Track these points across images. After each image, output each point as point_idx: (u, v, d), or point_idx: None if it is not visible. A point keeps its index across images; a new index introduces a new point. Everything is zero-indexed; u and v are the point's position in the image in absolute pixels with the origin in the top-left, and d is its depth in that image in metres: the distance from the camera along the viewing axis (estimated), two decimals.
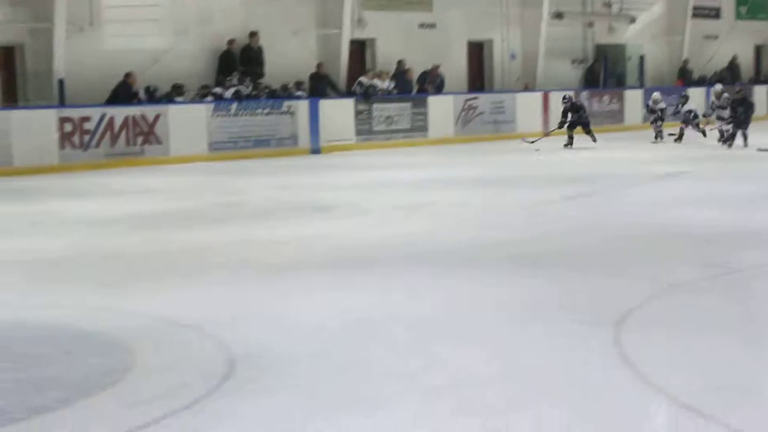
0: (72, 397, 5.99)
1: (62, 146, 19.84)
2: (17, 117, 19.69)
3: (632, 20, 32.37)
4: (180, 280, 9.46)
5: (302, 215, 13.57)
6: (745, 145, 22.39)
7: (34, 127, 19.54)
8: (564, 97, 25.00)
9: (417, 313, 8.03)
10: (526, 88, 29.04)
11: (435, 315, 7.94)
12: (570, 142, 24.17)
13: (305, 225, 12.68)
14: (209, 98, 22.34)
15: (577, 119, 24.46)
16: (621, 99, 30.30)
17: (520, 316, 7.86)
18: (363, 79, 25.01)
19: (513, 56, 29.35)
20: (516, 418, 5.55)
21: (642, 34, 32.98)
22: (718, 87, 24.68)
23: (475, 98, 26.96)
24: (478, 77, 29.33)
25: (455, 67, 27.99)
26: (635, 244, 10.96)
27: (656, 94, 25.88)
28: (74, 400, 5.94)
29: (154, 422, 5.55)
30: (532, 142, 24.08)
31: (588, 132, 24.42)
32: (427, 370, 6.46)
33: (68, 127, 19.94)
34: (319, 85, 24.39)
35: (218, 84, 22.86)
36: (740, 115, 22.60)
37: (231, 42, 23.26)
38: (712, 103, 24.47)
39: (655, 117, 25.70)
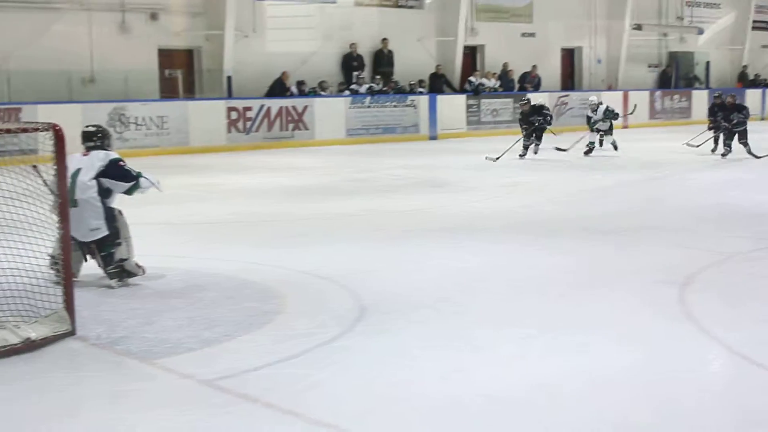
0: (235, 332, 6.14)
1: (229, 130, 20.18)
2: (194, 106, 20.07)
3: (700, 31, 31.51)
4: (321, 240, 9.57)
5: (421, 190, 13.60)
6: (721, 151, 18.10)
7: (207, 114, 19.90)
8: (522, 99, 19.31)
9: (513, 272, 8.02)
10: (609, 88, 28.58)
11: (527, 275, 7.93)
12: (524, 152, 18.02)
13: (424, 198, 12.71)
14: (347, 93, 22.50)
15: (536, 124, 18.17)
16: (689, 98, 29.60)
17: (595, 278, 7.79)
18: (473, 78, 24.94)
19: (599, 61, 28.91)
20: (589, 359, 5.53)
21: (709, 44, 32.14)
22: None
23: (566, 96, 26.67)
24: (569, 78, 28.97)
25: (550, 69, 27.71)
26: (696, 220, 10.72)
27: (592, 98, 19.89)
28: (237, 335, 6.08)
29: (300, 354, 5.66)
30: (496, 159, 17.07)
31: (538, 137, 18.34)
32: (521, 319, 6.46)
33: (234, 115, 20.27)
34: (437, 83, 24.39)
35: (346, 80, 22.99)
36: (719, 119, 18.16)
37: (353, 45, 23.33)
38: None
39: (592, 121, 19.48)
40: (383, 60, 23.91)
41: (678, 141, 21.21)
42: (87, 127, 7.73)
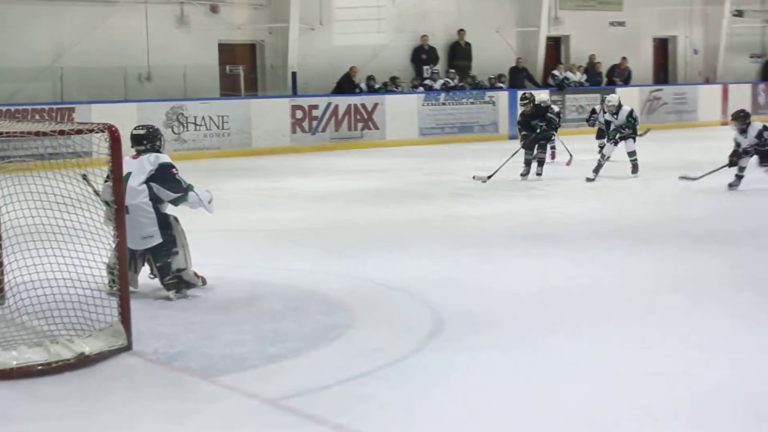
0: (302, 348, 6.13)
1: (293, 130, 20.30)
2: (256, 105, 20.24)
3: None
4: (393, 248, 9.56)
5: (501, 194, 13.52)
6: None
7: (270, 113, 20.05)
8: (524, 97, 15.68)
9: (604, 282, 7.92)
10: (707, 81, 28.16)
11: (620, 285, 7.81)
12: (527, 170, 15.14)
13: (504, 202, 12.63)
14: (419, 89, 22.51)
15: (538, 130, 15.31)
16: None
17: (697, 289, 7.65)
18: (556, 72, 24.78)
19: (695, 51, 28.50)
20: (692, 380, 5.42)
21: None
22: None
23: (659, 90, 26.34)
24: (663, 71, 28.61)
25: (641, 61, 27.41)
26: None
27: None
28: (304, 351, 6.08)
29: (372, 371, 5.64)
30: (487, 178, 14.53)
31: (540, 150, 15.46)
32: (616, 334, 6.35)
33: (299, 114, 20.39)
34: (518, 78, 24.28)
35: (418, 75, 22.98)
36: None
37: (424, 37, 23.31)
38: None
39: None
40: (460, 53, 23.89)
41: None
42: (136, 129, 7.77)
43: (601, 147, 15.78)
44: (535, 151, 15.29)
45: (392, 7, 22.96)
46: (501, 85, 23.73)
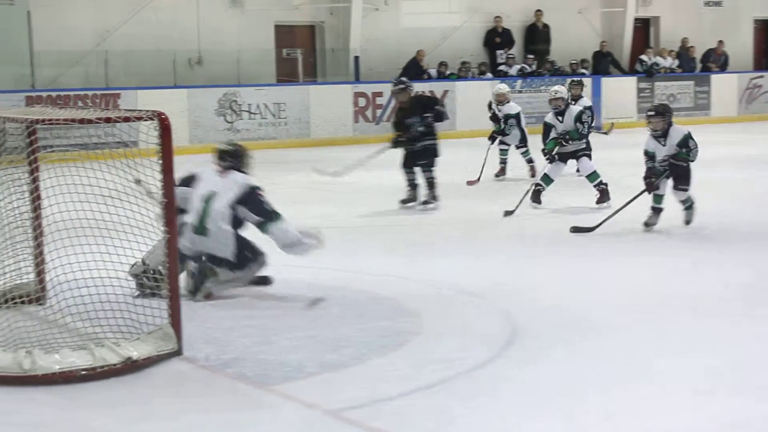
0: (364, 355, 6.17)
1: (356, 120, 20.37)
2: (315, 92, 20.34)
3: None
4: (463, 248, 9.58)
5: (580, 191, 13.41)
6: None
7: (330, 101, 20.13)
8: (395, 83, 12.80)
9: (697, 290, 7.86)
10: None
11: (716, 293, 7.75)
12: (409, 196, 12.25)
13: (584, 200, 12.54)
14: (488, 75, 22.44)
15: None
16: None
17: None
18: (645, 57, 24.57)
19: None
20: None
21: None
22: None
23: (760, 77, 25.98)
24: (765, 56, 28.20)
25: (741, 45, 27.05)
26: None
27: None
28: (366, 359, 6.12)
29: (441, 382, 5.66)
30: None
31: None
32: (708, 347, 6.31)
33: (362, 102, 20.47)
34: (602, 63, 24.13)
35: (490, 60, 22.91)
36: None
37: (497, 18, 23.24)
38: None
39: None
40: (538, 36, 23.79)
41: None
42: (223, 144, 7.89)
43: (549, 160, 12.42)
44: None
45: None
46: (584, 71, 23.58)
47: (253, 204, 7.53)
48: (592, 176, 12.04)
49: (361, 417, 5.12)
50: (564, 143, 12.12)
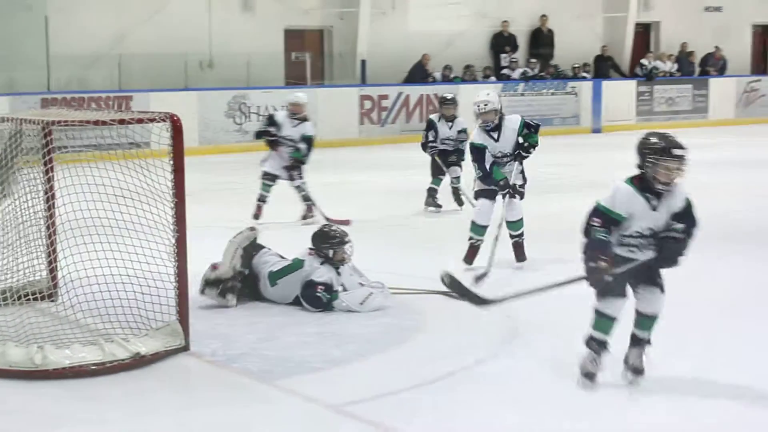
0: (368, 351, 6.20)
1: (362, 122, 20.38)
2: (323, 94, 20.30)
3: None
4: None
5: (583, 192, 13.41)
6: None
7: (337, 104, 20.13)
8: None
9: (693, 287, 7.85)
10: None
11: (726, 293, 7.74)
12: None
13: (586, 201, 12.51)
14: (492, 78, 22.43)
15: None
16: None
17: None
18: (645, 61, 24.55)
19: None
20: None
21: None
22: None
23: (757, 81, 25.92)
24: (762, 60, 28.15)
25: (739, 49, 26.96)
26: None
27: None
28: (370, 355, 6.14)
29: (443, 378, 5.68)
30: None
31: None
32: (720, 351, 6.31)
33: (368, 105, 20.46)
34: (603, 67, 24.13)
35: (495, 64, 22.90)
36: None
37: (504, 23, 23.24)
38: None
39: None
40: (542, 40, 23.78)
41: None
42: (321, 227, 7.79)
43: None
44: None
45: None
46: (585, 75, 23.57)
47: (309, 299, 7.28)
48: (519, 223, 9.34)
49: (362, 411, 5.13)
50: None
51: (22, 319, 6.18)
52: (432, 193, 11.79)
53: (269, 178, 10.98)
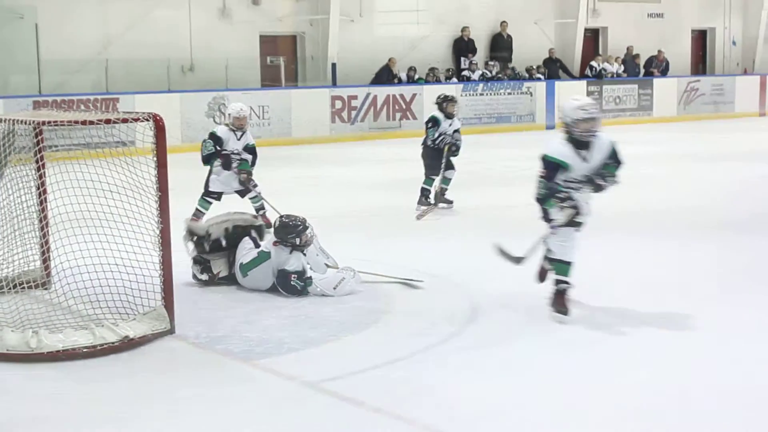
0: (340, 332, 6.20)
1: (333, 120, 20.34)
2: (296, 95, 20.28)
3: None
4: (430, 236, 9.59)
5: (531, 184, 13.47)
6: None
7: (310, 104, 20.09)
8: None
9: (640, 271, 7.92)
10: (745, 72, 27.88)
11: (655, 274, 7.81)
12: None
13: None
14: (453, 80, 22.46)
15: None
16: None
17: (728, 283, 7.64)
18: (594, 63, 24.65)
19: (734, 43, 28.20)
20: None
21: None
22: None
23: (697, 81, 26.09)
24: (701, 62, 28.35)
25: (679, 52, 27.12)
26: None
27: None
28: (342, 336, 6.15)
29: (409, 356, 5.69)
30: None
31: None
32: (650, 322, 6.36)
33: (338, 104, 20.41)
34: (552, 68, 24.18)
35: (457, 66, 22.93)
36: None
37: (465, 29, 23.25)
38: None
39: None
40: (502, 44, 23.81)
41: None
42: (282, 217, 7.62)
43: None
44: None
45: None
46: (540, 76, 23.64)
47: (284, 286, 7.21)
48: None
49: (337, 388, 5.13)
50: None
51: (18, 307, 6.15)
52: (425, 192, 11.30)
53: (215, 196, 9.88)
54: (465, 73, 22.82)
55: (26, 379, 5.39)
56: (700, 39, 28.31)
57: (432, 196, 11.25)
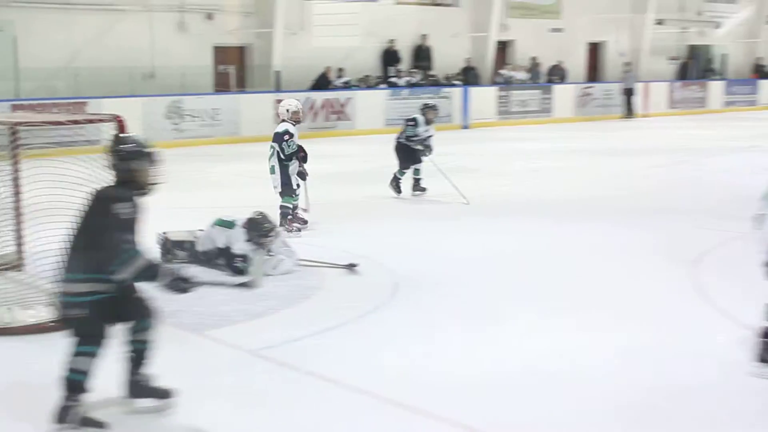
0: (280, 306, 6.22)
1: (276, 121, 20.17)
2: (244, 99, 20.13)
3: (718, 26, 31.06)
4: (360, 221, 9.63)
5: (455, 175, 13.56)
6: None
7: (256, 106, 19.93)
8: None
9: (533, 249, 8.04)
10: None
11: (555, 253, 7.94)
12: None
13: (458, 182, 12.68)
14: (383, 86, 22.47)
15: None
16: (705, 88, 29.09)
17: (611, 255, 7.78)
18: (503, 71, 24.83)
19: (622, 54, 28.53)
20: (607, 336, 5.54)
21: (726, 37, 31.65)
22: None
23: (590, 87, 26.40)
24: (594, 70, 28.68)
25: (576, 62, 27.42)
26: (709, 202, 10.65)
27: None
28: (281, 309, 6.17)
29: (339, 326, 5.73)
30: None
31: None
32: (545, 295, 6.47)
33: None
34: (469, 75, 24.30)
35: (385, 74, 22.95)
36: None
37: (392, 41, 23.28)
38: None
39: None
40: (422, 54, 23.86)
41: (696, 129, 20.94)
42: (254, 213, 7.57)
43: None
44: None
45: (364, 14, 22.84)
46: (456, 82, 23.72)
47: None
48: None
49: (275, 354, 5.16)
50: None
51: None
52: (397, 180, 11.40)
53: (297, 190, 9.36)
54: (392, 79, 22.84)
55: (2, 349, 5.33)
56: (594, 51, 28.63)
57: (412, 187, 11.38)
